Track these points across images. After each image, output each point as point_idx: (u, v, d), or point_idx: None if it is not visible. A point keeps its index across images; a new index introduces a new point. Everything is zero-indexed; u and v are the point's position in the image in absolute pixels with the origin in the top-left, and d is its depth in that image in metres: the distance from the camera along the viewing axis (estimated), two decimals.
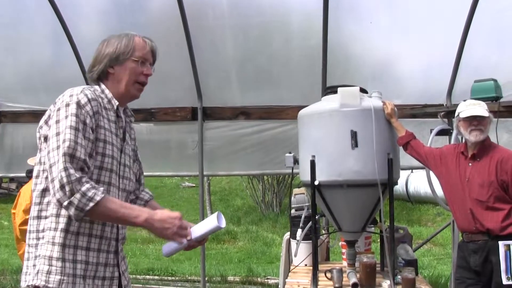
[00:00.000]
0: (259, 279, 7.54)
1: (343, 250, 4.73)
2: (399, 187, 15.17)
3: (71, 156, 1.82)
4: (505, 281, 3.13)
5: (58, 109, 1.91)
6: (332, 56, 5.11)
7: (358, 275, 4.01)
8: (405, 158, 4.41)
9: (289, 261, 4.75)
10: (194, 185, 18.23)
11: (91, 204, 1.81)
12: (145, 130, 5.66)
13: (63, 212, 1.89)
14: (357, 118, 3.81)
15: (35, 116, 5.34)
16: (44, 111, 2.01)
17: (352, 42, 5.27)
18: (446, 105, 5.18)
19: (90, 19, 5.21)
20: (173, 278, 7.31)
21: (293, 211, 4.73)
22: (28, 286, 1.88)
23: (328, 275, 4.04)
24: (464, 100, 4.70)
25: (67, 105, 1.90)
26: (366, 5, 5.02)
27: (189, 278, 7.20)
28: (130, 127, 2.30)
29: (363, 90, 4.11)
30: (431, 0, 4.82)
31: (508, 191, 3.20)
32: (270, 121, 5.44)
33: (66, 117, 1.87)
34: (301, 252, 4.72)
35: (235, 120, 5.46)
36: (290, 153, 4.26)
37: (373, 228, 4.90)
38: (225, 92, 5.51)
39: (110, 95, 2.11)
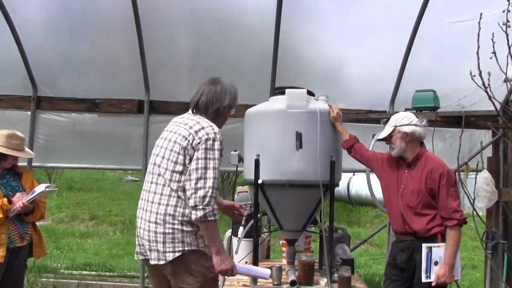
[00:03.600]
0: None
1: (284, 249, 4.82)
2: (341, 188, 15.48)
3: (213, 187, 2.69)
4: (424, 279, 3.37)
5: (207, 140, 2.77)
6: (283, 57, 5.20)
7: (297, 273, 4.11)
8: (347, 161, 4.54)
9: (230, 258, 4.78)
10: (137, 179, 17.95)
11: (212, 218, 2.67)
12: (88, 121, 5.56)
13: None
14: (303, 120, 3.89)
15: None
16: None
17: (304, 45, 5.37)
18: (389, 112, 5.40)
19: (29, 0, 5.07)
20: (111, 273, 7.15)
21: None
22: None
23: None
24: (404, 111, 4.92)
25: (214, 140, 2.79)
26: (320, 9, 5.13)
27: (128, 274, 7.08)
28: None
29: (310, 93, 4.20)
30: (382, 10, 4.98)
31: (435, 198, 3.40)
32: None
33: (214, 150, 2.76)
34: (242, 249, 4.77)
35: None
36: (235, 151, 4.31)
37: (313, 228, 5.02)
38: (174, 87, 5.48)
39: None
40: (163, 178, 2.83)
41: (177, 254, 2.75)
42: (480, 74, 2.37)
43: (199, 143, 2.77)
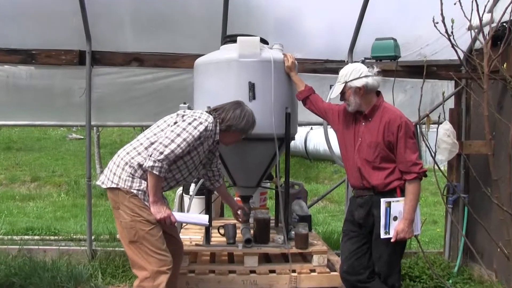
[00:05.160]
0: None
1: None
2: (299, 143, 15.63)
3: (173, 152, 3.10)
4: (382, 235, 3.43)
5: (194, 119, 3.25)
6: (234, 5, 5.08)
7: (252, 231, 4.16)
8: (303, 114, 4.56)
9: None
10: (82, 137, 17.67)
11: (156, 173, 3.09)
12: (24, 74, 5.33)
13: None
14: (256, 69, 3.86)
15: None
16: None
17: None
18: (347, 61, 5.37)
19: None
20: (56, 237, 7.03)
21: None
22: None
23: (222, 231, 4.15)
24: (363, 60, 4.93)
25: (201, 123, 3.24)
26: None
27: (74, 237, 6.98)
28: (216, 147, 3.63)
29: (264, 41, 4.16)
30: None
31: (393, 151, 3.43)
32: (165, 69, 5.32)
33: (195, 128, 3.21)
34: (194, 207, 4.79)
35: (127, 66, 5.29)
36: (185, 103, 4.26)
37: (268, 184, 5.06)
38: (117, 36, 5.29)
39: (218, 130, 3.41)
40: (150, 131, 3.38)
41: (112, 185, 3.21)
42: (443, 21, 2.36)
43: (188, 117, 3.27)
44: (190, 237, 4.31)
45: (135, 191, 3.18)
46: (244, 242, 3.98)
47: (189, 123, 3.22)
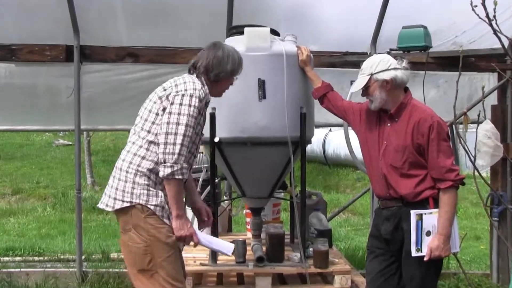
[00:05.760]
0: None
1: (248, 219, 4.86)
2: (316, 147, 15.61)
3: (183, 145, 3.01)
4: (414, 253, 3.36)
5: (183, 95, 3.09)
6: None
7: (264, 248, 4.15)
8: (320, 113, 4.56)
9: None
10: (70, 143, 17.72)
11: (180, 177, 3.01)
12: (3, 72, 5.38)
13: None
14: (266, 64, 3.87)
15: None
16: None
17: None
18: (370, 53, 5.37)
19: None
20: (40, 258, 7.04)
21: None
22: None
23: None
24: (388, 52, 4.92)
25: (192, 95, 3.09)
26: None
27: (62, 257, 6.99)
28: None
29: (274, 32, 4.16)
30: None
31: (424, 156, 3.37)
32: (163, 65, 5.37)
33: (190, 106, 3.06)
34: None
35: (120, 62, 5.34)
36: None
37: (282, 194, 5.06)
38: (109, 28, 5.34)
39: (207, 90, 3.25)
40: (141, 128, 3.22)
41: (124, 205, 3.07)
42: (483, 4, 2.34)
43: (175, 96, 3.12)
44: (194, 255, 4.31)
45: (152, 207, 3.05)
46: (255, 260, 3.98)
47: (181, 104, 3.08)
